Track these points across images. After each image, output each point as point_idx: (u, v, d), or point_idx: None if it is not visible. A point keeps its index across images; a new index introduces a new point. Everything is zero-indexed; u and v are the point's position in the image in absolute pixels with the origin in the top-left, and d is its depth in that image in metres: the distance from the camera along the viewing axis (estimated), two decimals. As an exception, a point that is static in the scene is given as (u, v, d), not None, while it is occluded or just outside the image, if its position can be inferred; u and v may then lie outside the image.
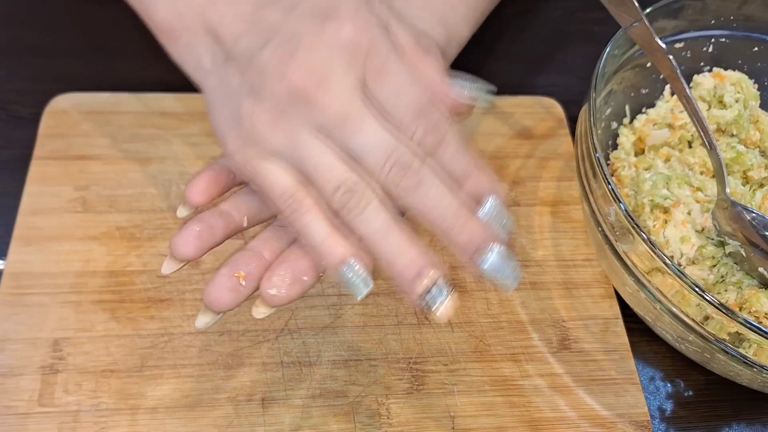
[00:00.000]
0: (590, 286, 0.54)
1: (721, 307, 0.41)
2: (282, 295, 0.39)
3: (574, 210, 0.58)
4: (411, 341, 0.50)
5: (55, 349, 0.48)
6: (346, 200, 0.37)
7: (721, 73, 0.57)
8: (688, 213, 0.51)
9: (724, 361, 0.46)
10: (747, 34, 0.57)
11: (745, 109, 0.56)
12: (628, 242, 0.46)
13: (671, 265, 0.43)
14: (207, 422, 0.46)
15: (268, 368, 0.48)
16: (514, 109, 0.62)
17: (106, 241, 0.53)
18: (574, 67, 0.67)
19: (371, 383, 0.48)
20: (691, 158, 0.54)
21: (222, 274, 0.40)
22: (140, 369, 0.48)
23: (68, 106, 0.58)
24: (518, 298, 0.53)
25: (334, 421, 0.47)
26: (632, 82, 0.57)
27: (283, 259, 0.40)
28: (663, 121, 0.57)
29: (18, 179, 0.55)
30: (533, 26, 0.69)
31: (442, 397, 0.48)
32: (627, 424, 0.48)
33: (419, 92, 0.39)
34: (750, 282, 0.49)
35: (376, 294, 0.52)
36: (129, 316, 0.50)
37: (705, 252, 0.50)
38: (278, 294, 0.39)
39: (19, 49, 0.63)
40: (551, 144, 0.61)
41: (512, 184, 0.58)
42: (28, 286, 0.50)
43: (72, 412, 0.46)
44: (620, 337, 0.52)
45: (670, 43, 0.57)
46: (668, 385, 0.51)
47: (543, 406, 0.49)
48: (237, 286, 0.39)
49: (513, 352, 0.50)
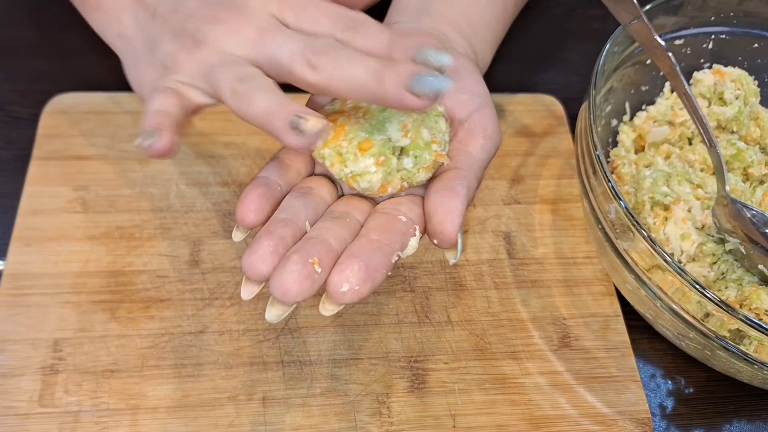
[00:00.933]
0: (591, 284, 0.54)
1: (721, 304, 0.41)
2: (354, 292, 0.36)
3: (575, 208, 0.58)
4: (411, 340, 0.50)
5: (55, 349, 0.48)
6: (237, 85, 0.38)
7: (721, 69, 0.57)
8: (688, 210, 0.51)
9: (724, 358, 0.46)
10: (747, 30, 0.57)
11: (746, 105, 0.56)
12: (629, 240, 0.46)
13: (671, 263, 0.43)
14: (208, 422, 0.46)
15: (269, 367, 0.48)
16: (514, 107, 0.62)
17: (105, 241, 0.53)
18: (573, 65, 0.67)
19: (372, 382, 0.48)
20: (692, 155, 0.54)
21: (294, 261, 0.36)
22: (141, 369, 0.48)
23: (67, 107, 0.58)
24: (519, 296, 0.53)
25: (335, 420, 0.47)
26: (632, 79, 0.57)
27: (353, 253, 0.37)
28: (663, 118, 0.57)
29: (17, 180, 0.55)
30: (533, 24, 0.69)
31: (442, 396, 0.48)
32: (628, 422, 0.48)
33: (335, 6, 0.40)
34: (750, 279, 0.49)
35: (376, 293, 0.52)
36: (129, 316, 0.50)
37: (705, 249, 0.50)
38: (350, 290, 0.36)
39: (18, 50, 0.63)
40: (551, 142, 0.61)
41: (512, 182, 0.58)
42: (28, 286, 0.50)
43: (72, 412, 0.46)
44: (621, 335, 0.52)
45: (670, 40, 0.56)
46: (669, 383, 0.51)
47: (544, 404, 0.48)
48: (312, 274, 0.36)
49: (513, 350, 0.50)
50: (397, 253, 0.39)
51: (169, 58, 0.41)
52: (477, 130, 0.43)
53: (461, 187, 0.40)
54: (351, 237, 0.39)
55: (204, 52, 0.40)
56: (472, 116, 0.43)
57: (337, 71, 0.37)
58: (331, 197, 0.42)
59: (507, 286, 0.53)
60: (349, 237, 0.39)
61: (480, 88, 0.45)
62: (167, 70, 0.41)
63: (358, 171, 0.40)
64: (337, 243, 0.38)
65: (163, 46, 0.42)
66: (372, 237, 0.39)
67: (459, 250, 0.41)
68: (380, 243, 0.38)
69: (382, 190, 0.41)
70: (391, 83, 0.36)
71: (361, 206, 0.41)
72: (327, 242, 0.38)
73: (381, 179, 0.40)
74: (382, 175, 0.40)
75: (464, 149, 0.42)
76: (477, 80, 0.45)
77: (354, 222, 0.40)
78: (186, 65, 0.41)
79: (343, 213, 0.40)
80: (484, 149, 0.43)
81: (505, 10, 0.54)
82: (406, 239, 0.40)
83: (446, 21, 0.49)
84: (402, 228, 0.40)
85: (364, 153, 0.40)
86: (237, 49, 0.40)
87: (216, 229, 0.53)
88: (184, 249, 0.53)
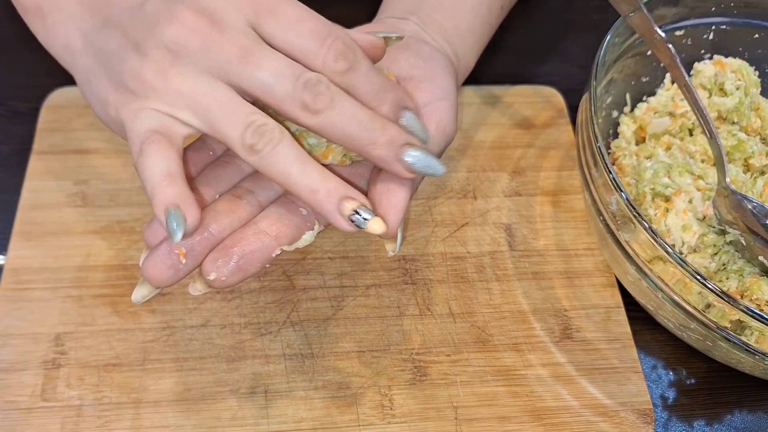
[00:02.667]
0: (592, 276, 0.54)
1: (722, 294, 0.41)
2: (222, 281, 0.37)
3: (575, 199, 0.58)
4: (413, 332, 0.50)
5: (57, 343, 0.48)
6: (257, 140, 0.35)
7: (722, 60, 0.57)
8: (689, 201, 0.51)
9: (726, 349, 0.46)
10: (747, 20, 0.57)
11: (746, 96, 0.56)
12: (630, 231, 0.46)
13: (673, 254, 0.43)
14: (210, 415, 0.46)
15: (271, 361, 0.48)
16: (514, 99, 0.62)
17: (106, 235, 0.53)
18: (573, 56, 0.67)
19: (374, 374, 0.48)
20: (692, 146, 0.54)
21: (162, 250, 0.37)
22: (142, 363, 0.48)
23: (66, 101, 0.58)
24: (520, 288, 0.53)
25: (337, 413, 0.47)
26: (633, 71, 0.57)
27: (231, 244, 0.37)
28: (664, 109, 0.56)
29: (17, 174, 0.55)
30: (532, 15, 0.69)
31: (444, 388, 0.48)
32: (629, 413, 0.48)
33: (319, 21, 0.36)
34: (751, 270, 0.49)
35: (378, 285, 0.52)
36: (130, 310, 0.50)
37: (706, 240, 0.50)
38: (217, 279, 0.37)
39: (17, 44, 0.62)
40: (551, 133, 0.61)
41: (513, 174, 0.58)
42: (29, 281, 0.50)
43: (75, 406, 0.46)
44: (622, 326, 0.52)
45: (671, 31, 0.56)
46: (670, 374, 0.51)
47: (545, 396, 0.49)
48: (177, 264, 0.37)
49: (515, 342, 0.51)
50: (282, 247, 0.39)
51: (135, 81, 0.36)
52: (431, 120, 0.42)
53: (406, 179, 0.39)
54: (240, 224, 0.39)
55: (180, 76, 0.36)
56: (429, 105, 0.43)
57: (334, 120, 0.36)
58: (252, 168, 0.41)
59: (508, 278, 0.53)
60: (238, 224, 0.38)
61: (446, 83, 0.44)
62: (136, 94, 0.36)
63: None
64: (217, 229, 0.38)
65: (124, 63, 0.36)
66: (260, 227, 0.38)
67: (399, 243, 0.41)
68: (265, 235, 0.38)
69: (324, 156, 0.40)
70: (383, 149, 0.36)
71: (271, 186, 0.40)
72: (206, 230, 0.37)
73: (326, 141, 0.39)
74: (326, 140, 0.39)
75: None
76: (446, 75, 0.45)
77: (253, 204, 0.39)
78: (161, 92, 0.36)
79: (246, 192, 0.40)
80: (435, 141, 0.42)
81: (491, 14, 0.54)
82: (300, 233, 0.39)
83: (433, 24, 0.50)
84: (298, 221, 0.39)
85: None
86: (218, 71, 0.35)
87: (217, 223, 0.53)
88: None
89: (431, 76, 0.44)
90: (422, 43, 0.47)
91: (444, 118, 0.43)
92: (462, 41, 0.51)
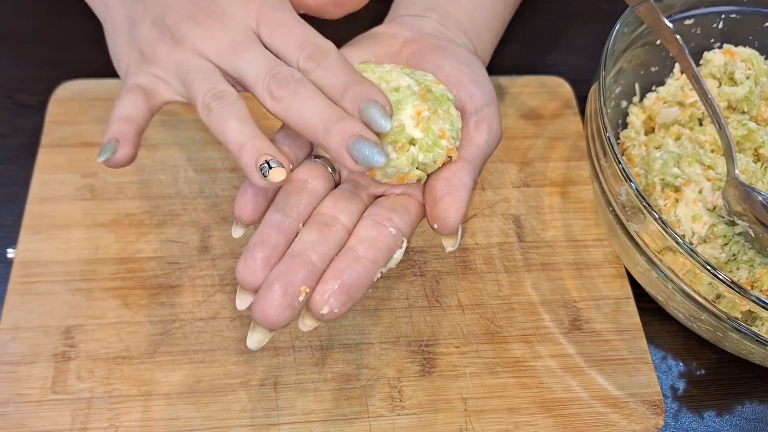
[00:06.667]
0: (601, 267, 0.54)
1: (733, 285, 0.41)
2: (334, 313, 0.38)
3: (584, 190, 0.57)
4: (422, 324, 0.50)
5: (67, 336, 0.48)
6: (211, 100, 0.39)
7: (732, 49, 0.57)
8: (699, 191, 0.50)
9: (736, 340, 0.45)
10: (757, 9, 0.57)
11: (756, 85, 0.55)
12: (639, 221, 0.45)
13: (683, 244, 0.42)
14: (220, 407, 0.46)
15: (280, 353, 0.48)
16: (522, 89, 0.62)
17: (115, 228, 0.53)
18: (581, 46, 0.67)
19: (383, 366, 0.48)
20: (702, 136, 0.54)
21: (276, 290, 0.37)
22: (152, 355, 0.48)
23: (74, 94, 0.58)
24: (529, 279, 0.53)
25: (347, 405, 0.47)
26: (642, 60, 0.57)
27: (336, 274, 0.38)
28: (673, 99, 0.56)
29: (26, 168, 0.55)
30: (541, 5, 0.68)
31: (454, 380, 0.48)
32: (639, 404, 0.48)
33: (306, 32, 0.42)
34: (762, 260, 0.49)
35: (386, 277, 0.52)
36: (140, 302, 0.50)
37: (716, 230, 0.49)
38: (329, 312, 0.37)
39: (24, 37, 0.63)
40: (560, 124, 0.61)
41: (521, 165, 0.58)
42: (39, 274, 0.50)
43: (85, 399, 0.46)
44: (632, 317, 0.52)
45: (680, 20, 0.56)
46: (680, 365, 0.51)
47: (555, 387, 0.49)
48: (294, 302, 0.37)
49: (524, 334, 0.50)
50: (381, 270, 0.39)
51: (147, 47, 0.42)
52: (484, 125, 0.44)
53: (469, 178, 0.41)
54: (335, 250, 0.39)
55: (181, 52, 0.42)
56: (482, 110, 0.44)
57: (293, 107, 0.39)
58: (324, 188, 0.42)
59: (517, 269, 0.53)
60: (334, 251, 0.39)
61: (488, 85, 0.45)
62: (145, 59, 0.42)
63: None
64: (320, 260, 0.38)
65: (142, 31, 0.43)
66: (358, 253, 0.39)
67: (458, 239, 0.42)
68: (365, 261, 0.39)
69: (400, 180, 0.41)
70: (335, 138, 0.38)
71: (351, 207, 0.41)
72: (310, 262, 0.38)
73: (406, 164, 0.40)
74: (405, 161, 0.40)
75: (472, 142, 0.43)
76: (486, 77, 0.46)
77: (341, 230, 0.40)
78: (163, 60, 0.42)
79: (331, 219, 0.40)
80: (489, 144, 0.44)
81: (506, 8, 0.54)
82: (392, 253, 0.40)
83: (451, 19, 0.50)
84: (390, 243, 0.40)
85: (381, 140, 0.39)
86: (210, 55, 0.41)
87: (225, 215, 0.53)
88: (193, 235, 0.53)
89: (477, 80, 0.45)
90: (456, 46, 0.47)
91: (494, 123, 0.44)
92: (480, 38, 0.51)
